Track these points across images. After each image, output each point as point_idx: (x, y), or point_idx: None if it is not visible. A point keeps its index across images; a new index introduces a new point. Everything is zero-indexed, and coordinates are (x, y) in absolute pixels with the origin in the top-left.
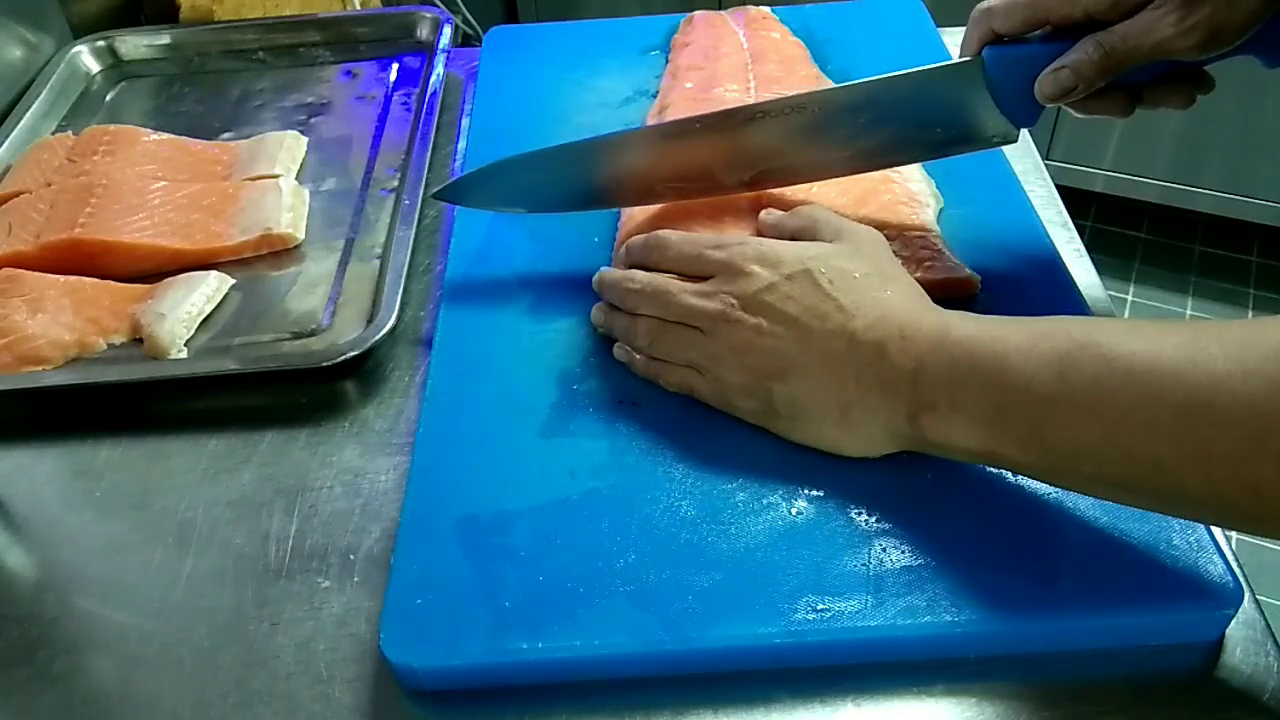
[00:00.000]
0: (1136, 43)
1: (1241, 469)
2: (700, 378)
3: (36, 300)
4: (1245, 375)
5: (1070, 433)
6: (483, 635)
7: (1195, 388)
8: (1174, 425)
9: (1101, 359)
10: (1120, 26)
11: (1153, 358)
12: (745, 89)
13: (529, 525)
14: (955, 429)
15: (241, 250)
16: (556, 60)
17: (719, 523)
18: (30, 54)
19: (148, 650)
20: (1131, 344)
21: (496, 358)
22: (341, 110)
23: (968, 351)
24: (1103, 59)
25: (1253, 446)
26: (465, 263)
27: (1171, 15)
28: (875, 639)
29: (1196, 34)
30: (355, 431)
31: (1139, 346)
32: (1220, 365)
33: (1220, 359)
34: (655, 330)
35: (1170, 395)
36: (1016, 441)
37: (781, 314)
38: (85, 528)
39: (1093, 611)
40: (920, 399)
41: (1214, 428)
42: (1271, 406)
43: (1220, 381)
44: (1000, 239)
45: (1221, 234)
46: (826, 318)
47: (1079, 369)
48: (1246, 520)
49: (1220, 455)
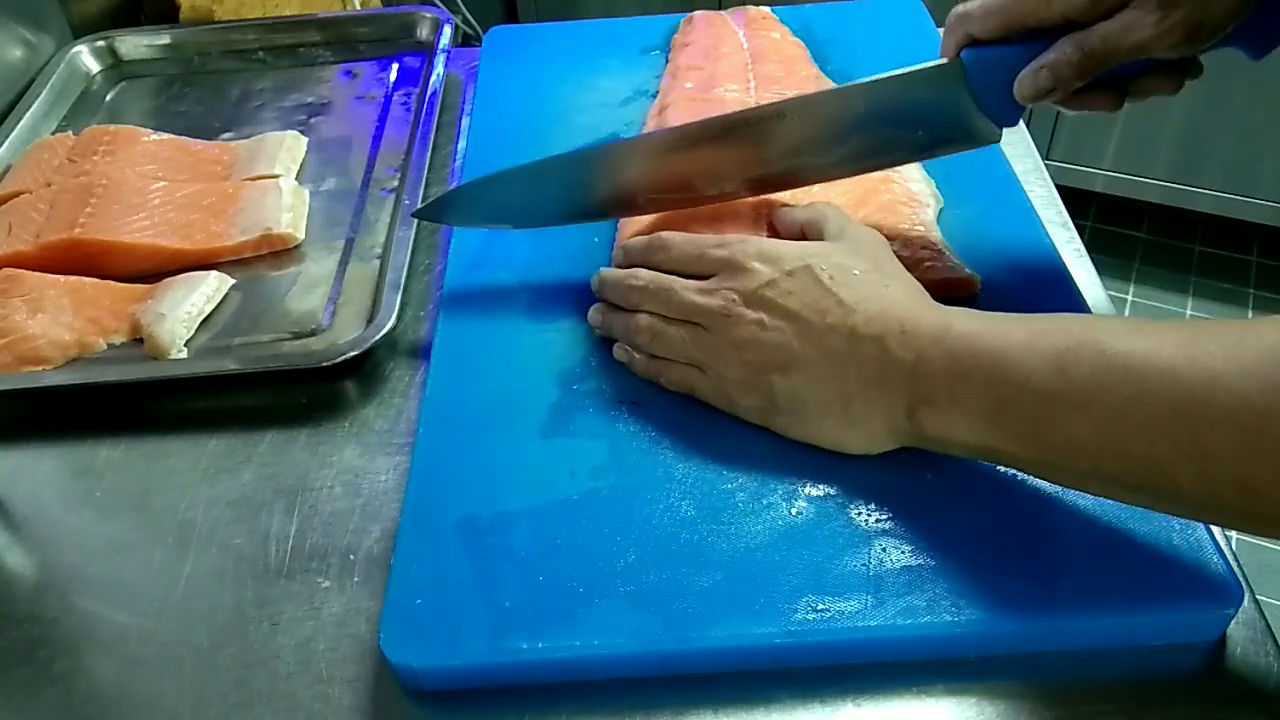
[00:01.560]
0: (1115, 44)
1: (1235, 467)
2: (701, 376)
3: (36, 300)
4: (1242, 374)
5: (1068, 428)
6: (483, 635)
7: (1192, 386)
8: (1170, 422)
9: (1101, 355)
10: (1099, 27)
11: (1151, 355)
12: (745, 89)
13: (529, 525)
14: (954, 423)
15: (241, 250)
16: (556, 60)
17: (719, 523)
18: (30, 54)
19: (148, 650)
20: (1131, 342)
21: (496, 358)
22: (341, 110)
23: (968, 346)
24: (1081, 60)
25: (1247, 445)
26: (465, 263)
27: (1150, 16)
28: (875, 639)
29: (1176, 33)
30: (355, 431)
31: (1138, 344)
32: (1218, 364)
33: (1218, 358)
34: (656, 328)
35: (1167, 392)
36: (1015, 437)
37: (782, 309)
38: (85, 528)
39: (1093, 611)
40: (919, 393)
41: (1210, 426)
42: (1267, 406)
43: (1217, 380)
44: (1000, 239)
45: (1221, 234)
46: (827, 313)
47: (1078, 365)
48: (1240, 519)
49: (1215, 453)
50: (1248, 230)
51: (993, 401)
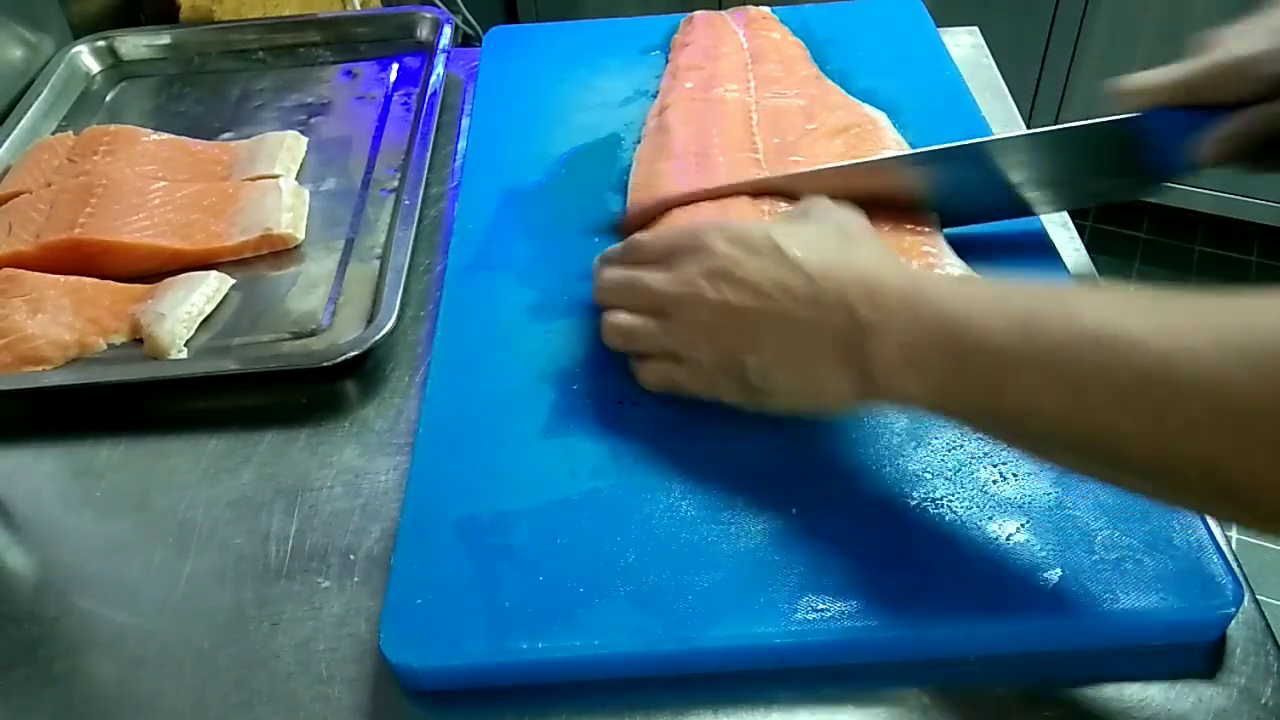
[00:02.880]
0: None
1: (1196, 442)
2: (679, 368)
3: (36, 300)
4: (1211, 346)
5: (1028, 393)
6: (483, 635)
7: (1159, 356)
8: (1133, 392)
9: (1067, 319)
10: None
11: (1119, 323)
12: (745, 89)
13: (529, 525)
14: (912, 381)
15: (241, 250)
16: (556, 60)
17: (719, 523)
18: (30, 54)
19: (148, 650)
20: (1099, 308)
21: (496, 358)
22: (341, 110)
23: (934, 309)
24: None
25: (1210, 420)
26: (465, 263)
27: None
28: (875, 639)
29: None
30: (355, 431)
31: (1106, 311)
32: (1187, 336)
33: (1188, 329)
34: (623, 326)
35: (1133, 361)
36: (974, 399)
37: (743, 283)
38: (85, 528)
39: (1093, 611)
40: (883, 353)
41: (1174, 398)
42: (1235, 380)
43: (1185, 351)
44: (1000, 239)
45: (1221, 234)
46: (791, 284)
47: (1044, 329)
48: (1194, 496)
49: (1176, 427)
50: (1248, 230)
51: (954, 361)
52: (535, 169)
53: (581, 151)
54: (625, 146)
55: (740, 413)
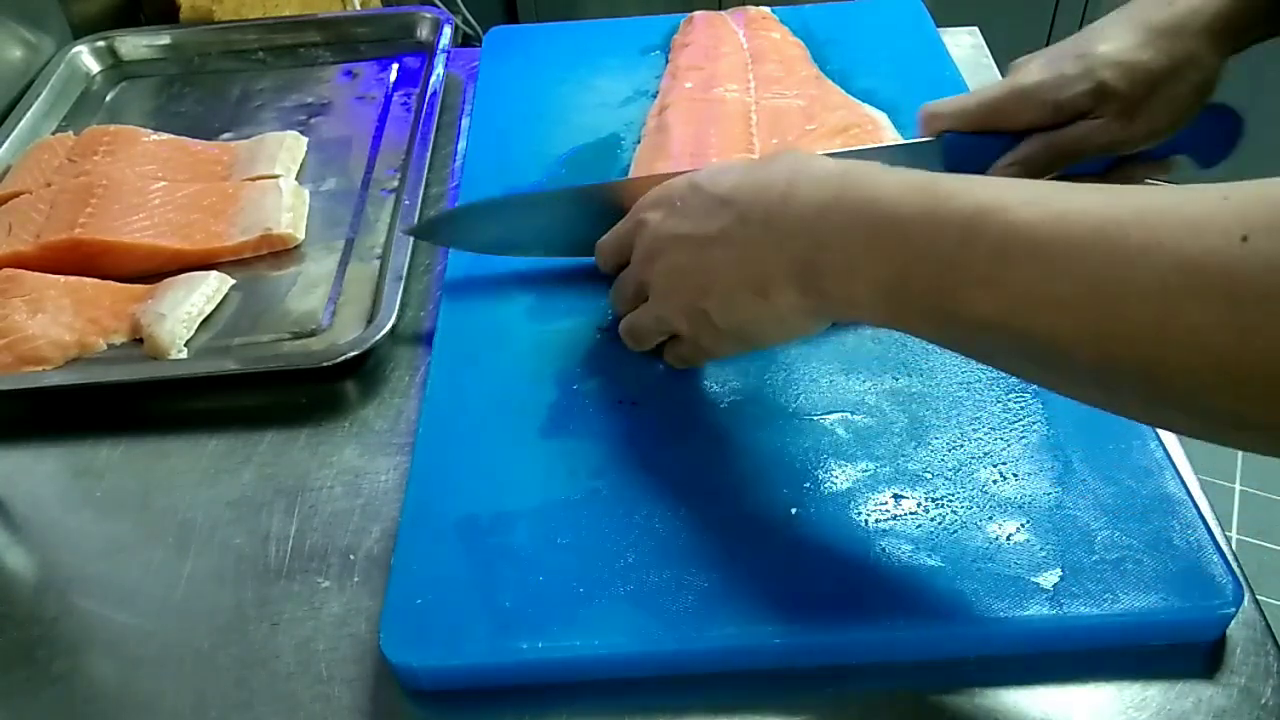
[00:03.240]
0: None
1: (1138, 348)
2: (681, 342)
3: (36, 300)
4: (1154, 248)
5: (970, 304)
6: (483, 635)
7: (1103, 261)
8: (1076, 300)
9: (1007, 226)
10: (1067, 130)
11: (1060, 228)
12: (745, 89)
13: (529, 525)
14: (856, 292)
15: (241, 250)
16: (556, 60)
17: (718, 523)
18: (30, 54)
19: (148, 650)
20: (1040, 211)
21: (496, 358)
22: (341, 110)
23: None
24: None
25: (1153, 326)
26: (465, 263)
27: (1113, 125)
28: (875, 639)
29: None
30: (355, 431)
31: (1048, 213)
32: (1132, 240)
33: (1133, 234)
34: (626, 326)
35: (1074, 269)
36: (918, 310)
37: (680, 239)
38: (85, 528)
39: (1093, 611)
40: (821, 259)
41: (1117, 303)
42: (1178, 284)
43: (1129, 258)
44: None
45: None
46: (714, 216)
47: (983, 237)
48: (1138, 403)
49: (1119, 333)
50: None
51: (896, 271)
52: (535, 169)
53: (581, 151)
54: (625, 146)
55: (740, 412)
